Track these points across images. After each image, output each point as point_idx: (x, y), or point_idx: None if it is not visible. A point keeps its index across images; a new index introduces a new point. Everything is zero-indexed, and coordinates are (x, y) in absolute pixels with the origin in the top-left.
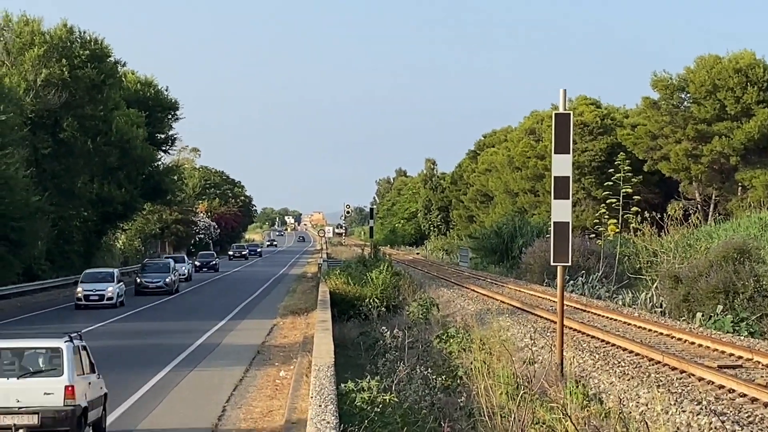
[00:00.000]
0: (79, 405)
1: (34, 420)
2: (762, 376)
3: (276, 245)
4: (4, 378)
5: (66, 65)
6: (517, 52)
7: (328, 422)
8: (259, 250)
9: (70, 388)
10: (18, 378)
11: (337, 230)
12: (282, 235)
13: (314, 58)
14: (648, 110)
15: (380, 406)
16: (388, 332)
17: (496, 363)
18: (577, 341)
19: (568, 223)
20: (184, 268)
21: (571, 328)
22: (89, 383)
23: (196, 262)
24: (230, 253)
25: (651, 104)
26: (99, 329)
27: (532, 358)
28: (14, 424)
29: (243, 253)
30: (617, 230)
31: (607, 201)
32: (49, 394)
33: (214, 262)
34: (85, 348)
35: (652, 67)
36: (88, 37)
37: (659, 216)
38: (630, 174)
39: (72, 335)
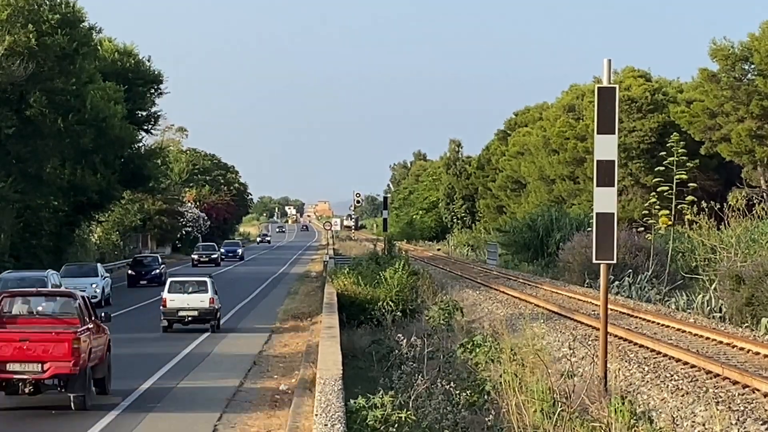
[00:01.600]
0: (215, 307)
1: (194, 313)
2: None
3: (269, 241)
4: (183, 294)
5: (33, 31)
6: (554, 17)
7: None
8: (239, 251)
9: (212, 299)
10: (188, 294)
11: (346, 223)
12: (283, 231)
13: (318, 22)
14: (706, 84)
15: (395, 425)
16: (405, 340)
17: (529, 376)
18: (623, 351)
19: (613, 214)
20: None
21: (616, 335)
22: (218, 298)
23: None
24: (194, 257)
25: (709, 77)
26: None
27: (571, 371)
28: (187, 315)
29: (213, 256)
30: (670, 223)
31: (658, 189)
32: (202, 301)
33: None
34: (214, 282)
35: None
36: (59, 0)
37: (718, 206)
38: (685, 158)
39: (211, 275)
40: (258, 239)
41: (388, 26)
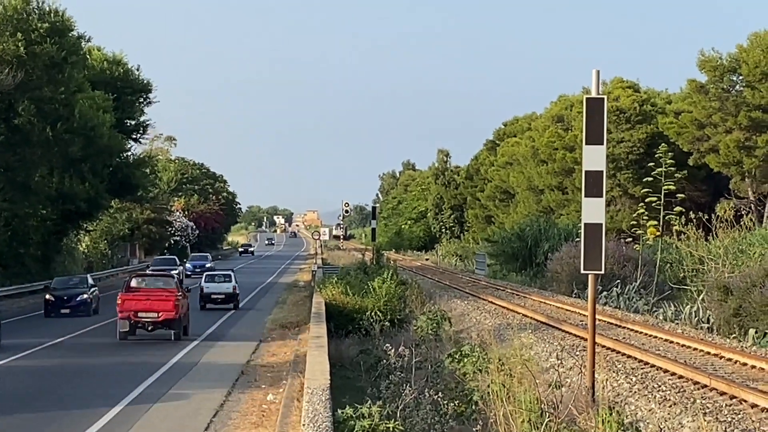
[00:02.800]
0: (236, 292)
1: (223, 296)
2: None
3: (252, 252)
4: (215, 283)
5: (22, 40)
6: (544, 26)
7: None
8: (208, 265)
9: (234, 286)
10: (218, 283)
11: (335, 232)
12: (272, 243)
13: (306, 30)
14: (694, 95)
15: None
16: (393, 350)
17: (517, 386)
18: (611, 361)
19: (602, 224)
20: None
21: (604, 346)
22: (238, 285)
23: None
24: (149, 270)
25: (697, 88)
26: (64, 343)
27: (559, 381)
28: (218, 297)
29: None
30: (658, 233)
31: (647, 200)
32: (227, 288)
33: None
34: (235, 275)
35: (698, 45)
36: (48, 8)
37: (706, 217)
38: (673, 168)
39: (233, 269)
40: (240, 250)
41: (378, 36)
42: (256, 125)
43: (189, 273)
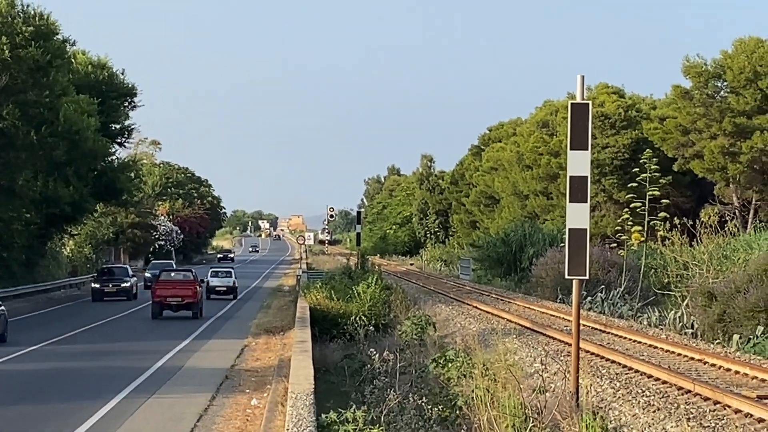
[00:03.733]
0: (236, 286)
1: (225, 288)
2: None
3: (233, 258)
4: (219, 278)
5: (6, 44)
6: (528, 32)
7: None
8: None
9: (234, 281)
10: (221, 278)
11: (322, 237)
12: (257, 250)
13: (293, 35)
14: (679, 101)
15: None
16: (377, 355)
17: (501, 391)
18: (595, 367)
19: (586, 230)
20: None
21: (588, 351)
22: (236, 280)
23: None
24: (94, 286)
25: (682, 94)
26: (44, 349)
27: (543, 386)
28: (221, 289)
29: (125, 285)
30: (642, 239)
31: (631, 205)
32: (229, 282)
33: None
34: (234, 272)
35: (683, 51)
36: (33, 12)
37: (691, 223)
38: (658, 174)
39: (234, 267)
40: (219, 257)
41: (362, 41)
42: (242, 130)
43: (149, 283)
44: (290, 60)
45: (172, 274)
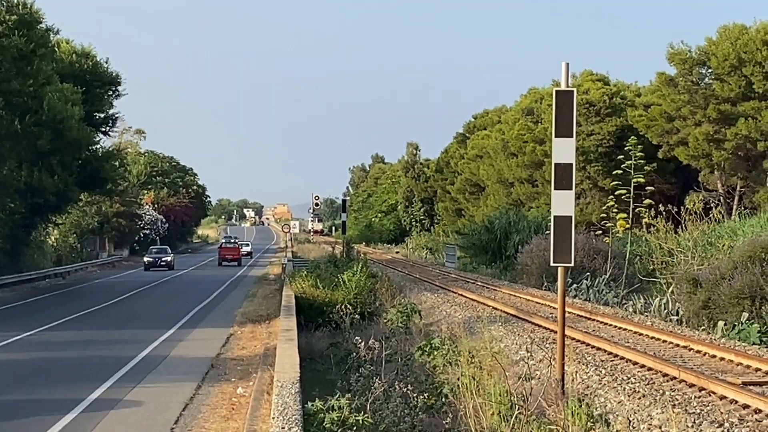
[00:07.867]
0: (251, 252)
1: (243, 253)
2: None
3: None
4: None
5: None
6: (514, 20)
7: None
8: (167, 258)
9: (250, 249)
10: (242, 246)
11: (315, 226)
12: (234, 244)
13: (277, 26)
14: (663, 88)
15: (353, 427)
16: (363, 343)
17: (486, 379)
18: (581, 354)
19: (571, 217)
20: None
21: (573, 338)
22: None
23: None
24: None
25: (667, 81)
26: (29, 338)
27: (529, 374)
28: (244, 253)
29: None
30: (627, 226)
31: (616, 192)
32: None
33: None
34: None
35: (668, 39)
36: (16, 1)
37: (676, 210)
38: (642, 161)
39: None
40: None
41: (348, 30)
42: (226, 119)
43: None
44: (275, 49)
45: (228, 244)
